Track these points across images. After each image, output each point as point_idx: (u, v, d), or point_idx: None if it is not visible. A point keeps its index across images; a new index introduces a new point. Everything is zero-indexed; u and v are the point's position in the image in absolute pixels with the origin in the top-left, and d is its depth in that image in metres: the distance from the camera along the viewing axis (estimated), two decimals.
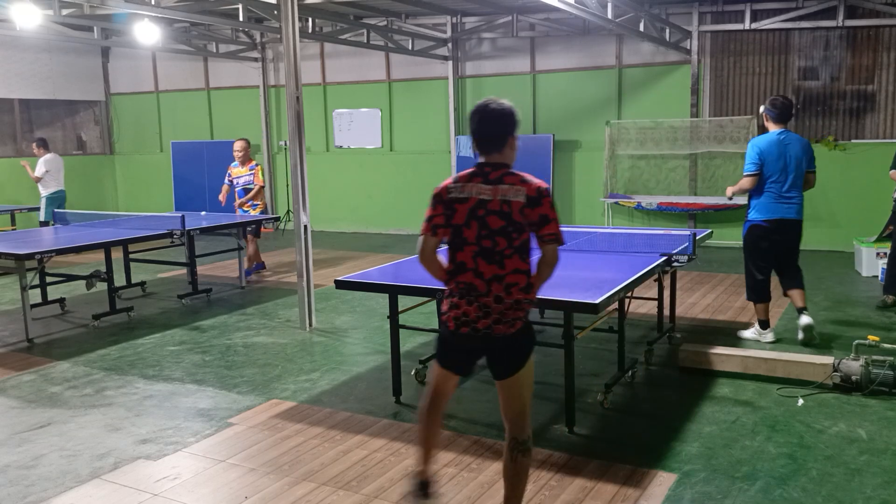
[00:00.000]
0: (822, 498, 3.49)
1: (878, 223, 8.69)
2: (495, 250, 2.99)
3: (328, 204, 13.04)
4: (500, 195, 2.97)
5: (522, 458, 3.12)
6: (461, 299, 3.06)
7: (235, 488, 3.73)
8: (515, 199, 2.96)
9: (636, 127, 10.94)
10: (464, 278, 3.05)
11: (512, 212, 2.96)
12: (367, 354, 5.98)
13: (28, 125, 14.20)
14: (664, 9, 10.58)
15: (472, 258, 3.03)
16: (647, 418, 4.56)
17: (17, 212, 10.79)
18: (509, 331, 3.06)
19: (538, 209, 2.96)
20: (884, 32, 9.78)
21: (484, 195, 2.99)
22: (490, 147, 3.05)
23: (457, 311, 3.07)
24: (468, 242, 3.03)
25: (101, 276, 7.26)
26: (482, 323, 3.03)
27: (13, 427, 4.60)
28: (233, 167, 9.23)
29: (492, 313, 3.03)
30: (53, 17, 9.21)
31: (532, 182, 2.99)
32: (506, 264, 3.00)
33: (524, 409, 3.17)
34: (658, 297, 5.86)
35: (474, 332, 3.05)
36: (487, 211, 2.98)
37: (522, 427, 3.15)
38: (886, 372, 4.74)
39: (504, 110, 3.02)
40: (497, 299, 3.02)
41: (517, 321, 3.07)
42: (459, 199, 3.02)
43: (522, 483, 3.15)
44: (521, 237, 3.01)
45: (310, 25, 11.07)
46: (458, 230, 3.04)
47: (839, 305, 7.17)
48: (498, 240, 2.99)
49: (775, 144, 5.61)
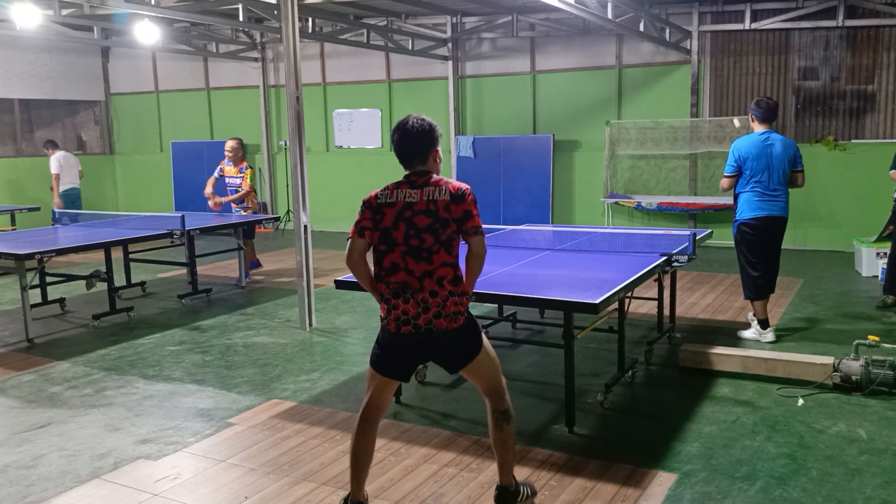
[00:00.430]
0: (822, 498, 3.49)
1: (878, 223, 8.69)
2: (422, 247, 3.15)
3: (328, 204, 13.03)
4: (426, 196, 3.17)
5: (507, 425, 3.32)
6: (397, 299, 3.19)
7: (235, 488, 3.73)
8: (441, 198, 3.15)
9: (636, 127, 10.94)
10: (396, 278, 3.19)
11: (438, 209, 3.14)
12: (367, 354, 5.91)
13: (28, 125, 14.20)
14: (664, 9, 10.58)
15: (402, 257, 3.18)
16: (647, 418, 4.56)
17: (17, 212, 10.77)
18: (451, 325, 3.18)
19: (462, 205, 3.15)
20: (884, 32, 9.78)
21: (410, 198, 3.18)
22: (413, 160, 3.25)
23: (395, 311, 3.19)
24: (397, 243, 3.18)
25: (101, 276, 7.26)
26: (423, 319, 3.16)
27: (13, 427, 4.60)
28: (225, 164, 9.05)
29: (430, 308, 3.16)
30: (53, 17, 9.21)
31: (454, 183, 3.21)
32: (433, 259, 3.16)
33: (496, 384, 3.33)
34: (658, 297, 5.86)
35: (416, 330, 3.17)
36: (414, 212, 3.16)
37: (500, 399, 3.33)
38: (886, 372, 4.74)
39: (423, 127, 3.22)
40: (432, 293, 3.16)
41: (458, 316, 3.19)
42: (387, 204, 3.21)
43: (511, 448, 3.36)
44: (447, 232, 3.16)
45: (310, 25, 11.07)
46: (386, 232, 3.20)
47: (839, 305, 7.17)
48: (424, 237, 3.15)
49: (756, 144, 5.72)
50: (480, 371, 3.30)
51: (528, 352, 5.90)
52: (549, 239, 6.23)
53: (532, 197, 11.57)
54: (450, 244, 3.17)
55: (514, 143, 11.78)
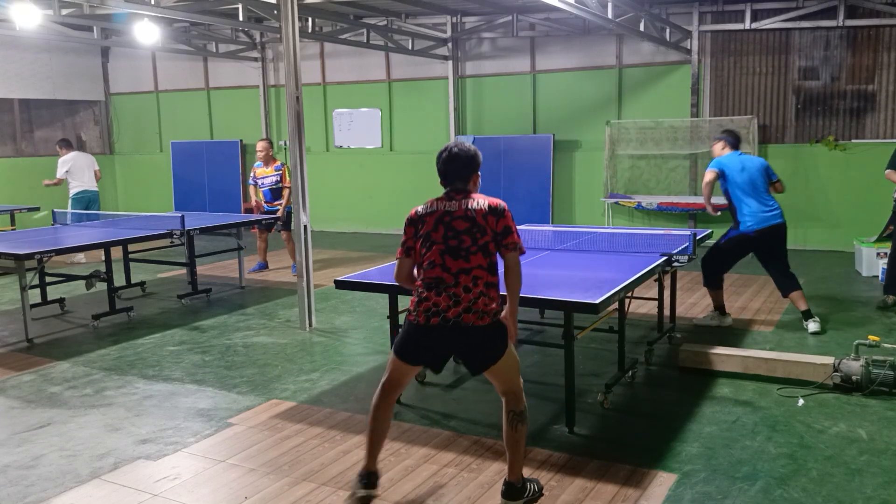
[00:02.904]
0: (822, 498, 3.49)
1: (878, 223, 8.69)
2: (461, 247, 3.33)
3: (328, 204, 13.03)
4: (465, 205, 3.39)
5: (521, 425, 3.42)
6: (430, 292, 3.34)
7: (235, 488, 3.72)
8: (479, 208, 3.37)
9: (636, 127, 10.93)
10: (432, 273, 3.35)
11: (476, 216, 3.35)
12: (367, 354, 5.98)
13: (28, 125, 14.19)
14: (664, 8, 10.58)
15: (440, 255, 3.34)
16: (647, 418, 4.56)
17: (17, 212, 10.74)
18: (479, 322, 3.30)
19: (502, 220, 3.36)
20: (884, 32, 9.77)
21: (449, 207, 3.41)
22: (455, 179, 3.47)
23: (426, 303, 3.34)
24: (436, 242, 3.36)
25: (101, 276, 7.25)
26: (452, 312, 3.29)
27: (13, 427, 4.60)
28: (257, 167, 9.31)
29: (461, 302, 3.29)
30: (53, 17, 9.21)
31: (492, 198, 3.43)
32: (471, 259, 3.32)
33: (514, 387, 3.44)
34: (658, 297, 5.86)
35: (444, 322, 3.30)
36: (453, 217, 3.38)
37: (517, 401, 3.43)
38: (887, 372, 4.74)
39: (469, 152, 3.45)
40: (465, 289, 3.31)
41: (485, 315, 3.31)
42: (428, 213, 3.43)
43: (522, 447, 3.47)
44: (484, 238, 3.34)
45: (310, 25, 11.07)
46: (426, 235, 3.40)
47: (839, 305, 7.16)
48: (463, 238, 3.33)
49: (736, 159, 6.36)
50: (501, 373, 3.41)
51: (528, 352, 5.89)
52: (550, 239, 6.22)
53: (532, 197, 11.57)
54: (487, 249, 3.34)
55: (514, 143, 11.78)
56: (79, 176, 10.60)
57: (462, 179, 3.45)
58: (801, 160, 10.31)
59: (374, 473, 3.50)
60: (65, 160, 10.51)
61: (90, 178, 10.72)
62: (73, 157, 10.59)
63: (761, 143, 10.39)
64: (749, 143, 10.22)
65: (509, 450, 3.43)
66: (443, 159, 3.45)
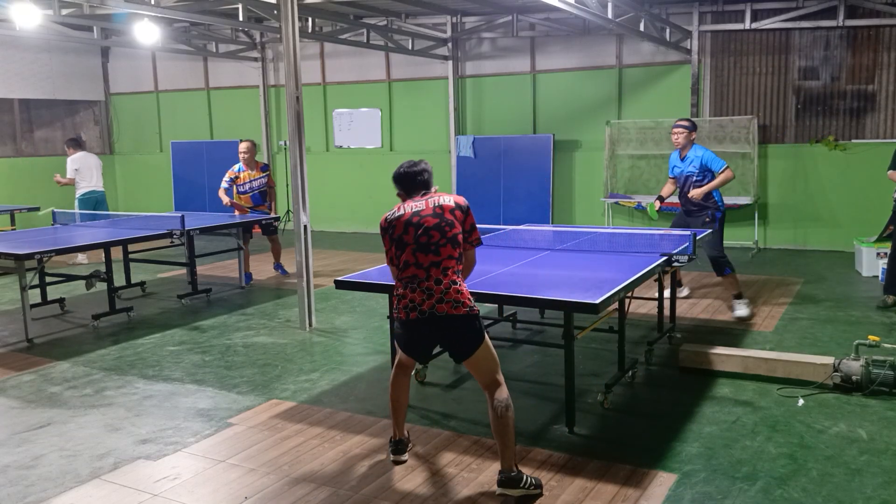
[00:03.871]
0: (822, 498, 3.49)
1: (878, 223, 8.69)
2: (430, 242, 3.56)
3: (328, 204, 13.03)
4: (432, 202, 3.65)
5: (506, 412, 3.55)
6: (406, 289, 3.62)
7: (235, 488, 3.73)
8: (446, 203, 3.64)
9: (636, 127, 10.93)
10: (407, 273, 3.61)
11: (444, 212, 3.61)
12: (367, 354, 5.98)
13: (28, 125, 14.19)
14: (664, 8, 10.58)
15: (412, 253, 3.58)
16: (647, 418, 4.56)
17: (16, 212, 10.73)
18: (452, 311, 3.53)
19: (468, 217, 3.67)
20: (884, 32, 9.77)
21: (416, 207, 3.65)
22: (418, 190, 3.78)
23: (405, 300, 3.62)
24: (408, 243, 3.60)
25: (101, 277, 7.25)
26: (426, 304, 3.55)
27: (13, 427, 4.60)
28: (239, 171, 8.88)
29: (434, 294, 3.54)
30: (53, 17, 9.20)
31: (455, 195, 3.71)
32: (441, 252, 3.57)
33: (494, 377, 3.63)
34: (658, 297, 5.86)
35: (421, 315, 3.57)
36: (421, 216, 3.61)
37: (500, 390, 3.61)
38: (887, 372, 4.73)
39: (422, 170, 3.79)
40: (436, 281, 3.55)
41: (459, 305, 3.54)
42: (396, 217, 3.67)
43: (510, 434, 3.56)
44: (453, 231, 3.59)
45: (310, 25, 11.06)
46: (399, 239, 3.64)
47: (839, 305, 7.16)
48: (433, 233, 3.57)
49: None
50: (480, 364, 3.62)
51: (528, 352, 5.89)
52: (550, 239, 6.22)
53: (532, 197, 11.56)
54: (455, 241, 3.60)
55: (514, 143, 11.77)
56: (87, 176, 10.51)
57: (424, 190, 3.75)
58: (801, 160, 10.31)
59: (401, 441, 3.97)
60: (74, 159, 10.41)
61: (98, 179, 10.63)
62: (81, 157, 10.50)
63: (761, 143, 10.38)
64: (749, 143, 10.23)
65: (499, 439, 3.55)
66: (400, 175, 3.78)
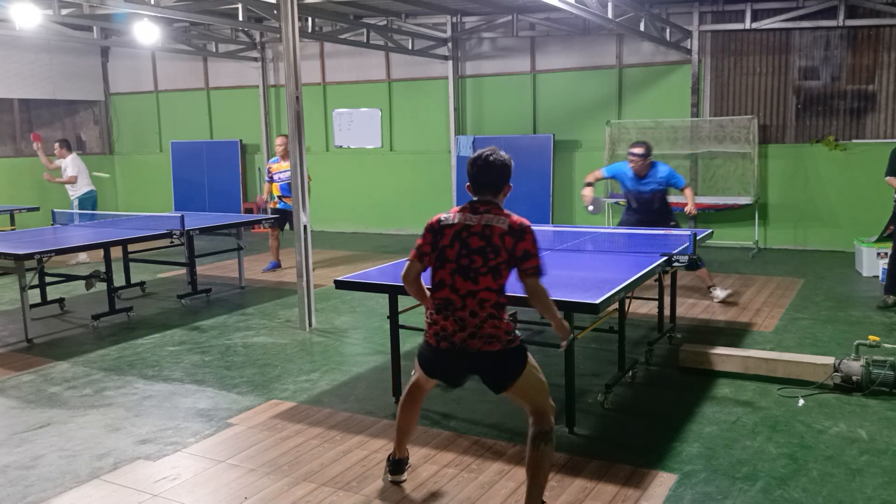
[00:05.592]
0: (822, 498, 3.48)
1: (878, 223, 8.68)
2: (471, 267, 3.23)
3: (328, 204, 13.02)
4: (484, 221, 3.26)
5: (544, 446, 3.23)
6: (438, 314, 3.30)
7: (235, 488, 3.72)
8: (497, 226, 3.23)
9: (636, 127, 10.93)
10: (441, 294, 3.30)
11: (492, 235, 3.22)
12: (367, 354, 5.98)
13: (28, 125, 14.19)
14: (664, 8, 10.57)
15: (450, 274, 3.27)
16: (648, 418, 4.55)
17: (16, 212, 10.73)
18: (485, 347, 3.23)
19: (521, 244, 3.21)
20: (884, 32, 9.77)
21: (469, 221, 3.29)
22: (486, 190, 3.35)
23: (435, 327, 3.31)
24: (449, 260, 3.27)
25: (101, 277, 7.24)
26: (458, 336, 3.25)
27: (13, 427, 4.59)
28: (272, 163, 9.47)
29: (467, 327, 3.23)
30: (53, 16, 9.20)
31: (515, 216, 3.28)
32: (479, 281, 3.22)
33: (539, 405, 3.32)
34: (658, 297, 5.86)
35: (452, 347, 3.27)
36: (470, 233, 3.25)
37: (544, 419, 3.29)
38: (887, 372, 4.73)
39: (505, 162, 3.34)
40: (472, 313, 3.23)
41: (493, 340, 3.23)
42: (449, 225, 3.32)
43: (544, 471, 3.24)
44: (497, 259, 3.21)
45: (309, 25, 11.06)
46: (442, 250, 3.30)
47: (840, 305, 7.16)
48: (475, 258, 3.22)
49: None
50: (524, 392, 3.33)
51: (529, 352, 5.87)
52: (550, 239, 6.22)
53: (532, 197, 11.56)
54: (498, 271, 3.22)
55: (514, 143, 11.76)
56: (85, 176, 10.60)
57: (493, 191, 3.34)
58: (801, 160, 10.31)
59: (401, 461, 3.70)
60: (73, 160, 10.48)
61: (89, 178, 10.73)
62: (77, 158, 10.56)
63: (761, 143, 10.38)
64: (749, 143, 10.22)
65: (529, 471, 3.22)
66: (478, 166, 3.33)
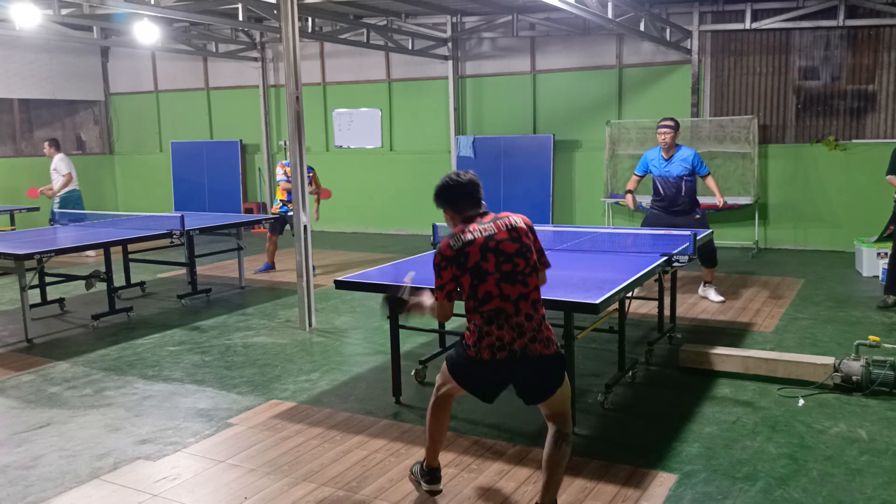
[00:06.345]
0: (822, 498, 3.48)
1: (878, 223, 8.68)
2: (516, 271, 3.15)
3: (328, 204, 13.02)
4: (504, 224, 3.20)
5: (566, 446, 3.27)
6: (490, 325, 3.14)
7: (235, 488, 3.72)
8: (519, 225, 3.21)
9: (636, 127, 10.92)
10: (489, 305, 3.14)
11: (521, 235, 3.19)
12: (367, 354, 5.98)
13: (28, 125, 14.19)
14: (664, 8, 10.58)
15: (496, 284, 3.13)
16: (648, 418, 4.55)
17: (16, 212, 10.74)
18: (545, 351, 3.17)
19: (537, 238, 3.28)
20: (884, 32, 9.77)
21: (487, 230, 3.17)
22: (475, 203, 3.27)
23: (489, 338, 3.14)
24: (489, 273, 3.13)
25: (101, 277, 7.24)
26: (518, 343, 3.13)
27: (13, 427, 4.59)
28: (286, 165, 9.22)
29: (526, 332, 3.14)
30: (53, 16, 9.20)
31: (515, 214, 3.28)
32: (528, 282, 3.17)
33: (565, 409, 3.32)
34: (658, 297, 5.85)
35: (511, 355, 3.14)
36: (497, 241, 3.15)
37: (566, 423, 3.31)
38: (887, 372, 4.73)
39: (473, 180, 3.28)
40: (527, 317, 3.15)
41: (550, 344, 3.19)
42: (467, 242, 3.14)
43: (562, 469, 3.28)
44: (532, 257, 3.21)
45: (309, 25, 11.06)
46: (475, 267, 3.13)
47: (840, 305, 7.16)
48: (517, 261, 3.15)
49: None
50: (562, 399, 3.28)
51: None
52: (550, 239, 6.21)
53: (532, 197, 11.56)
54: (536, 268, 3.23)
55: (514, 143, 11.77)
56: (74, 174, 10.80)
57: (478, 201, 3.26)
58: (801, 160, 10.31)
59: (438, 469, 3.59)
60: (62, 158, 10.62)
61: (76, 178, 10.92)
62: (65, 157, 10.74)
63: (761, 143, 10.38)
64: (749, 142, 10.22)
65: (548, 470, 3.23)
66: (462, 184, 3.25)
